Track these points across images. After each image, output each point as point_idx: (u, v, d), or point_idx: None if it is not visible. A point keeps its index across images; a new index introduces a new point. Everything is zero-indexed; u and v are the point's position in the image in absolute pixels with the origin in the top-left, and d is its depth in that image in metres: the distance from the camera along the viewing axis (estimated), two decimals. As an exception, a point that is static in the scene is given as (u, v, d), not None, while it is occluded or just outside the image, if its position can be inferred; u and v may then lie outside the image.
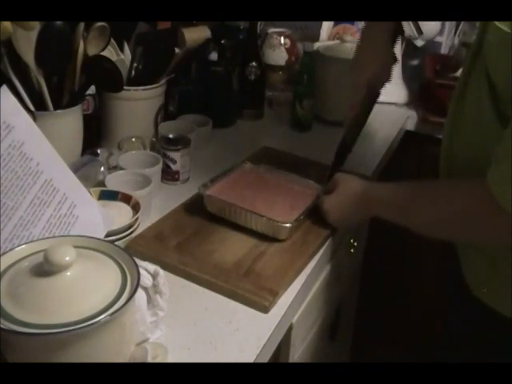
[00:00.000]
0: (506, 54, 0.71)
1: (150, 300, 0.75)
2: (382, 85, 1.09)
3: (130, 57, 1.21)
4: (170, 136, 1.17)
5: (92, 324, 0.58)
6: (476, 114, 0.83)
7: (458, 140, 0.88)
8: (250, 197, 1.03)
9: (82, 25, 1.01)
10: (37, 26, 0.94)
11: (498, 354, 0.86)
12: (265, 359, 0.80)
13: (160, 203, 1.08)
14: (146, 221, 1.00)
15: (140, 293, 0.72)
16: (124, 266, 0.66)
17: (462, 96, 0.87)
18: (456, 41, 1.76)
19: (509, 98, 0.74)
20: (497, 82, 0.77)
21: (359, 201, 0.96)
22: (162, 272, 0.75)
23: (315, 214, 1.02)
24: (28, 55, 0.97)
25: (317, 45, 1.49)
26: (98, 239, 0.72)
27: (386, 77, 1.08)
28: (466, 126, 0.86)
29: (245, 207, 0.97)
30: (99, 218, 0.86)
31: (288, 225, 0.96)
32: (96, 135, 1.22)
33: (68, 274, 0.61)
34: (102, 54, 1.07)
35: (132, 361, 0.68)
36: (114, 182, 1.02)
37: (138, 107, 1.21)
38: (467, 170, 0.86)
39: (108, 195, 0.96)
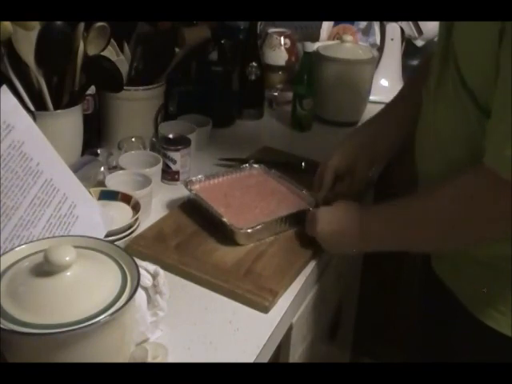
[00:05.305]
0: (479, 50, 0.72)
1: (150, 300, 0.75)
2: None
3: (130, 57, 1.21)
4: (170, 136, 1.17)
5: (92, 324, 0.58)
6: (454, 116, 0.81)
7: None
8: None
9: (82, 25, 1.01)
10: (37, 26, 0.95)
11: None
12: (265, 359, 0.80)
13: (160, 203, 1.08)
14: (146, 221, 1.00)
15: (140, 293, 0.72)
16: (124, 266, 0.66)
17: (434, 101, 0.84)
18: (456, 41, 1.76)
19: (485, 94, 0.73)
20: (469, 81, 0.75)
21: (353, 225, 0.89)
22: (162, 272, 0.75)
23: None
24: (28, 55, 0.98)
25: (317, 45, 1.49)
26: (98, 239, 0.72)
27: None
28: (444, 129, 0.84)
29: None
30: (99, 218, 0.86)
31: (243, 231, 0.93)
32: (96, 135, 1.22)
33: (68, 274, 0.62)
34: (102, 53, 1.07)
35: (132, 361, 0.68)
36: (114, 181, 1.02)
37: (138, 107, 1.21)
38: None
39: (108, 195, 0.96)
